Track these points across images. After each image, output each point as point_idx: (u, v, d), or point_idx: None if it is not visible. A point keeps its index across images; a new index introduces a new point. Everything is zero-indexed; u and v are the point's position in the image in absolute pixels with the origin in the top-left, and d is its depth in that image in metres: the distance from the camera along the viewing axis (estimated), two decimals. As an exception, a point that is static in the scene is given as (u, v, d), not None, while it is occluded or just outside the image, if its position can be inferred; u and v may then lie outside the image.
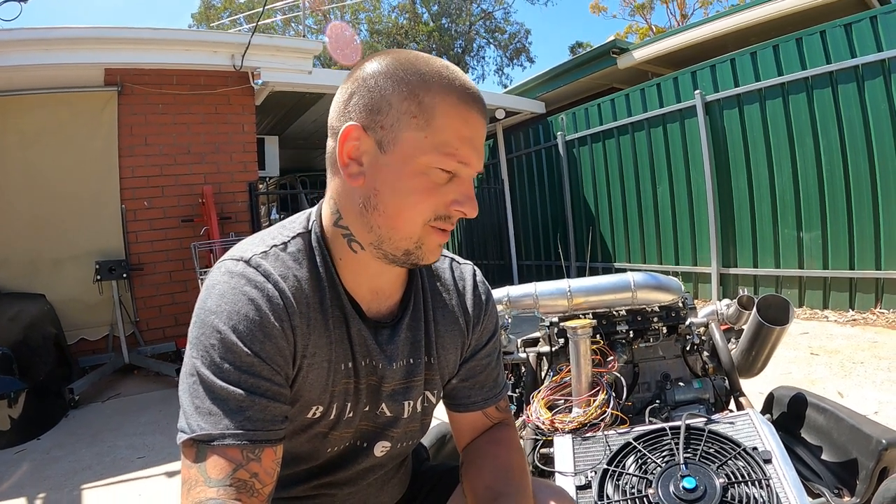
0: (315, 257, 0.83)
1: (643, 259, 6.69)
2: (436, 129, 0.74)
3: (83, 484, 2.74)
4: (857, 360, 3.51)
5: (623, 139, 6.72)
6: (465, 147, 0.75)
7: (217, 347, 0.71)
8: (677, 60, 7.10)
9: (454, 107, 0.75)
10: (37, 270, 4.64)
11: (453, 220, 0.79)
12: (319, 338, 0.80)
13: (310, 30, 20.50)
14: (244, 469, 0.68)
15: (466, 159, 0.76)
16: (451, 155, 0.75)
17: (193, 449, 0.68)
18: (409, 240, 0.78)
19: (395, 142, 0.75)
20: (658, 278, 1.86)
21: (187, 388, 0.71)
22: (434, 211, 0.77)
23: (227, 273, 0.76)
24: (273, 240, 0.82)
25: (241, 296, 0.73)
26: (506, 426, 1.03)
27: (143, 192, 5.04)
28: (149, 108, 5.05)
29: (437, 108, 0.74)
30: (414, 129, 0.74)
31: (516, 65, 23.72)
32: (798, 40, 4.91)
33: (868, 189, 4.56)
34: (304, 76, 5.55)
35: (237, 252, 0.79)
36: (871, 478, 1.46)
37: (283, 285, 0.77)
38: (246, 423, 0.69)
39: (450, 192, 0.77)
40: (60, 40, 4.44)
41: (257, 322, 0.72)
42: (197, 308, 0.75)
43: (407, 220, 0.77)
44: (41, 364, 3.94)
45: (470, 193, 0.78)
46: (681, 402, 1.70)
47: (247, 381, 0.70)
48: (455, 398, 1.00)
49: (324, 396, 0.82)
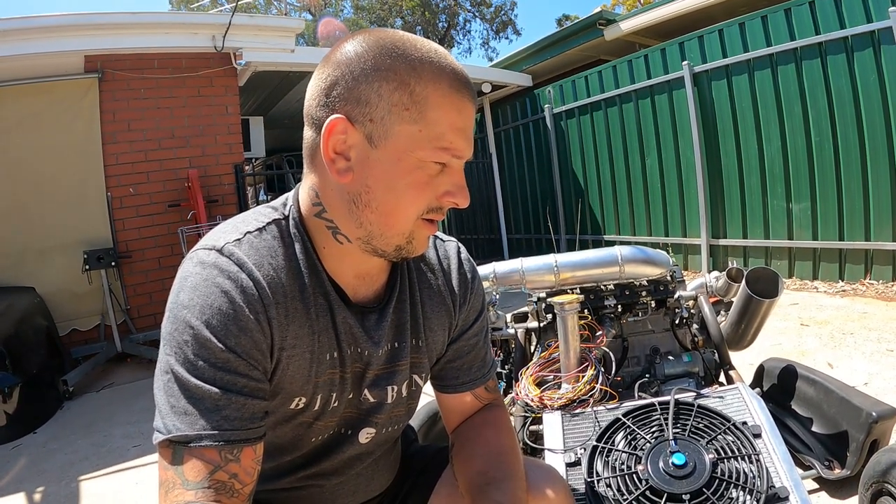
0: (293, 244, 0.79)
1: (633, 231, 6.70)
2: (430, 122, 0.70)
3: (80, 475, 2.74)
4: (847, 330, 3.54)
5: (611, 111, 6.68)
6: (459, 138, 0.73)
7: (191, 344, 0.68)
8: (665, 31, 7.03)
9: (447, 96, 0.71)
10: (24, 262, 4.59)
11: (444, 211, 0.77)
12: (300, 328, 0.77)
13: (292, 7, 20.17)
14: (223, 470, 0.67)
15: (461, 151, 0.74)
16: (447, 149, 0.72)
17: (170, 450, 0.67)
18: (402, 235, 0.76)
19: (386, 136, 0.71)
20: (646, 252, 1.86)
21: (162, 387, 0.69)
22: (427, 204, 0.75)
23: (199, 264, 0.73)
24: (247, 226, 0.78)
25: (214, 288, 0.70)
26: (496, 407, 1.02)
27: (128, 178, 4.98)
28: (131, 93, 4.96)
29: (430, 99, 0.70)
30: (407, 122, 0.70)
31: (502, 38, 23.54)
32: (787, 11, 4.86)
33: (857, 160, 4.55)
34: (288, 55, 5.46)
35: (210, 241, 0.76)
36: (861, 450, 1.48)
37: (257, 275, 0.73)
38: (223, 423, 0.67)
39: (442, 184, 0.74)
40: (38, 29, 4.34)
41: (231, 315, 0.70)
42: (169, 302, 0.72)
43: (402, 217, 0.75)
44: (34, 357, 3.91)
45: (462, 183, 0.76)
46: (670, 376, 1.71)
47: (222, 378, 0.68)
48: (443, 379, 0.99)
49: (307, 388, 0.80)
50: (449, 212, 7.37)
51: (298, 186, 0.84)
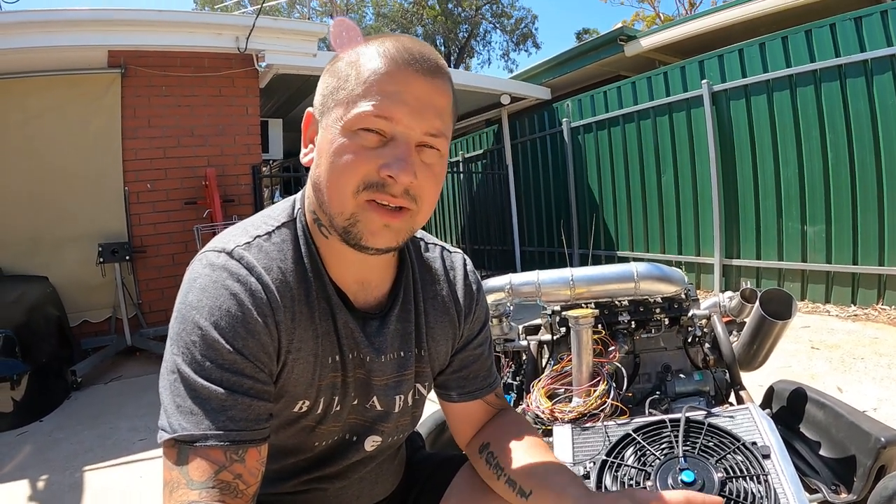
0: (300, 248, 0.80)
1: (646, 248, 6.67)
2: (361, 90, 0.71)
3: (85, 466, 2.76)
4: (858, 355, 3.51)
5: (629, 127, 6.68)
6: (390, 102, 0.70)
7: (198, 344, 0.69)
8: (685, 49, 7.03)
9: (383, 66, 0.72)
10: (39, 252, 4.65)
11: (390, 190, 0.72)
12: (305, 332, 0.78)
13: (315, 12, 20.36)
14: (227, 470, 0.67)
15: (390, 114, 0.70)
16: (373, 110, 0.70)
17: (175, 450, 0.67)
18: (342, 215, 0.73)
19: (327, 112, 0.75)
20: (662, 269, 1.85)
21: (168, 386, 0.70)
22: (363, 177, 0.71)
23: (208, 266, 0.74)
24: (256, 230, 0.79)
25: (223, 290, 0.71)
26: (510, 411, 1.03)
27: (146, 174, 5.04)
28: (152, 90, 5.02)
29: (363, 71, 0.72)
30: (343, 95, 0.73)
31: (522, 50, 23.63)
32: (808, 32, 4.86)
33: (874, 184, 4.53)
34: (309, 59, 5.50)
35: (219, 243, 0.77)
36: (868, 475, 1.46)
37: (266, 279, 0.74)
38: (228, 423, 0.67)
39: (381, 156, 0.71)
40: (63, 22, 4.41)
41: (240, 318, 0.70)
42: (178, 302, 0.73)
43: (336, 190, 0.73)
44: (44, 346, 3.95)
45: (401, 155, 0.71)
46: (681, 393, 1.70)
47: (229, 379, 0.69)
48: (452, 389, 0.99)
49: (310, 391, 0.80)
50: (463, 222, 7.39)
51: (304, 189, 0.85)
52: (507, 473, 0.87)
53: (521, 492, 0.84)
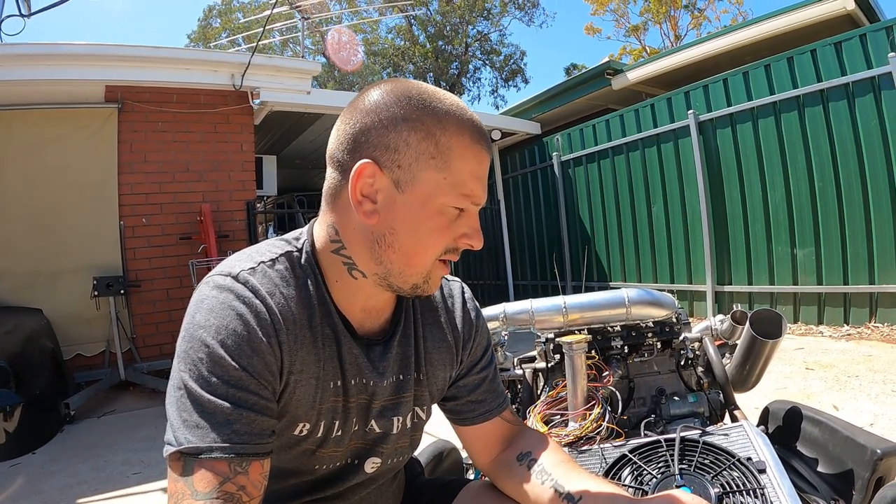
0: (303, 276, 0.83)
1: (639, 278, 6.72)
2: (453, 171, 0.76)
3: (78, 498, 2.72)
4: (852, 373, 3.53)
5: (618, 159, 6.79)
6: (478, 186, 0.79)
7: (205, 361, 0.71)
8: (671, 81, 7.20)
9: (468, 147, 0.77)
10: (34, 284, 4.63)
11: (459, 252, 0.82)
12: (307, 354, 0.80)
13: (308, 51, 20.69)
14: (231, 482, 0.68)
15: (479, 198, 0.80)
16: (467, 196, 0.78)
17: (180, 462, 0.69)
18: (420, 275, 0.81)
19: (413, 182, 0.76)
20: (652, 294, 1.88)
21: (175, 402, 0.72)
22: (446, 246, 0.80)
23: (215, 288, 0.76)
24: (261, 256, 0.82)
25: (230, 310, 0.74)
26: (535, 430, 1.06)
27: (141, 208, 5.07)
28: (149, 125, 5.09)
29: (454, 150, 0.76)
30: (433, 169, 0.76)
31: (511, 86, 23.89)
32: (789, 59, 5.00)
33: (860, 204, 4.61)
34: (303, 96, 5.61)
35: (225, 268, 0.80)
36: (866, 487, 1.47)
37: (270, 301, 0.77)
38: (233, 437, 0.69)
39: (460, 227, 0.80)
40: (63, 56, 4.50)
41: (245, 337, 0.73)
42: (185, 322, 0.75)
43: (423, 258, 0.79)
44: (37, 378, 3.92)
45: (477, 226, 0.82)
46: (676, 416, 1.71)
47: (234, 394, 0.71)
48: (467, 413, 1.00)
49: (311, 413, 0.82)
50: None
51: (314, 222, 0.88)
52: (553, 478, 0.90)
53: (570, 497, 0.86)
